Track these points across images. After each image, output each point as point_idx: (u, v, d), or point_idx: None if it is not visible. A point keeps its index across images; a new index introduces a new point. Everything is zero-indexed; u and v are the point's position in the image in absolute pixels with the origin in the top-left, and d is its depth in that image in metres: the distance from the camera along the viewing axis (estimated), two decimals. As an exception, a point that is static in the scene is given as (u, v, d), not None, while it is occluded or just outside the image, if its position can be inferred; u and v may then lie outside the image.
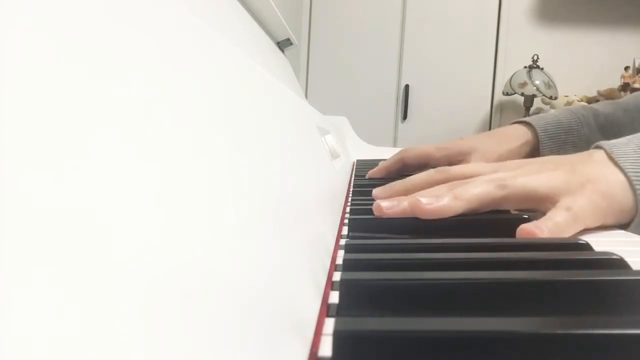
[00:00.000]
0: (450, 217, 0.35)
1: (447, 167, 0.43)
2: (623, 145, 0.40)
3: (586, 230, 0.36)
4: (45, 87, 0.09)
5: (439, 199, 0.36)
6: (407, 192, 0.40)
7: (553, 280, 0.21)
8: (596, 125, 0.65)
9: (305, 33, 2.79)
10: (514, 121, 0.70)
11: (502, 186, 0.37)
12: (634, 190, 0.37)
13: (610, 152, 0.39)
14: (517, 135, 0.66)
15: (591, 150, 0.41)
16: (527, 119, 0.68)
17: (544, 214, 0.35)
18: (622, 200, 0.37)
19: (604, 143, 0.41)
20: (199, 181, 0.13)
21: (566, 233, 0.34)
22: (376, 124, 2.76)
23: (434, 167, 0.73)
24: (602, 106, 0.69)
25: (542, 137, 0.65)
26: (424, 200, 0.36)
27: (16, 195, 0.07)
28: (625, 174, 0.38)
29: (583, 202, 0.36)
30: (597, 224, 0.37)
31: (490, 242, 0.29)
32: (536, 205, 0.38)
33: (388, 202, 0.37)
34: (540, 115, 0.70)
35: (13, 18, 0.09)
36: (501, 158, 0.61)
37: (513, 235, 0.33)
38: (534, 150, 0.65)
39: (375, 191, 0.43)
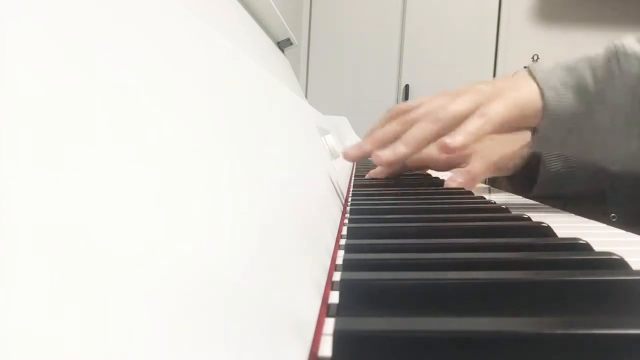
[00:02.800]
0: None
1: (395, 106, 0.52)
2: (543, 63, 0.47)
3: (586, 230, 0.36)
4: (46, 87, 0.09)
5: (393, 148, 0.46)
6: (373, 143, 0.50)
7: (553, 280, 0.21)
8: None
9: (305, 33, 2.79)
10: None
11: (437, 120, 0.45)
12: (542, 95, 0.44)
13: (530, 69, 0.46)
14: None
15: (517, 72, 0.49)
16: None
17: None
18: (533, 105, 0.44)
19: (530, 64, 0.48)
20: (198, 181, 0.13)
21: (480, 135, 0.42)
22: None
23: (433, 167, 0.73)
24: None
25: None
26: (381, 153, 0.47)
27: (16, 195, 0.07)
28: (537, 82, 0.45)
29: (496, 105, 0.44)
30: (513, 123, 0.45)
31: (490, 242, 0.29)
32: None
33: (352, 148, 0.50)
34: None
35: (13, 18, 0.09)
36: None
37: (513, 235, 0.32)
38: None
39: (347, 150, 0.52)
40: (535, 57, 2.58)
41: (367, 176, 0.67)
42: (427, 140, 0.46)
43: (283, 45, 0.97)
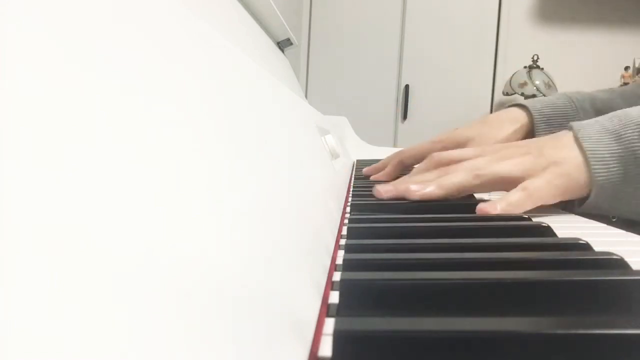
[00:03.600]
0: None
1: (438, 155, 0.51)
2: (589, 126, 0.45)
3: (586, 230, 0.36)
4: (46, 87, 0.09)
5: (425, 186, 0.45)
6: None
7: (553, 280, 0.21)
8: (593, 110, 0.66)
9: (305, 33, 2.79)
10: (510, 104, 0.70)
11: (477, 176, 0.45)
12: (589, 168, 0.43)
13: (576, 133, 0.45)
14: (512, 119, 0.67)
15: (563, 132, 0.47)
16: (523, 101, 0.69)
17: None
18: (579, 178, 0.43)
19: (574, 124, 0.46)
20: (198, 181, 0.13)
21: (519, 210, 0.41)
22: (376, 124, 2.76)
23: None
24: (599, 92, 0.70)
25: (537, 120, 0.65)
26: (413, 187, 0.45)
27: (16, 195, 0.07)
28: (584, 154, 0.43)
29: (540, 181, 0.43)
30: (555, 200, 0.43)
31: (490, 242, 0.29)
32: (506, 188, 0.44)
33: (385, 187, 0.47)
34: (537, 98, 0.70)
35: (13, 18, 0.09)
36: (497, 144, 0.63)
37: (513, 235, 0.32)
38: (529, 134, 0.66)
39: (377, 186, 0.50)
40: (535, 57, 2.58)
41: (364, 172, 0.68)
42: (462, 191, 0.46)
43: (283, 45, 0.97)
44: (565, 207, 0.48)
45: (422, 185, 0.45)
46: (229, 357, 0.11)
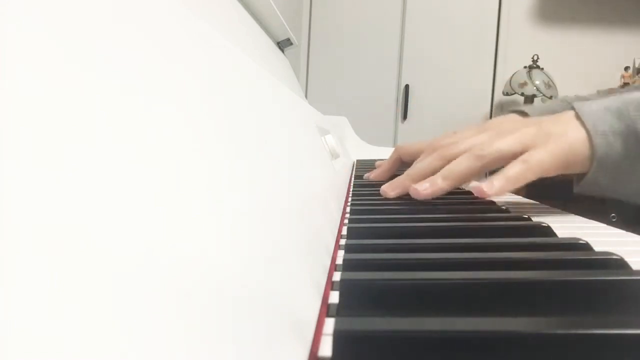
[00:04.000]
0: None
1: (435, 142, 0.51)
2: (591, 104, 0.45)
3: (586, 230, 0.36)
4: (46, 87, 0.09)
5: (432, 182, 0.44)
6: (413, 179, 0.48)
7: (553, 280, 0.21)
8: None
9: (305, 33, 2.79)
10: (510, 110, 0.70)
11: (480, 157, 0.44)
12: (591, 142, 0.42)
13: (578, 110, 0.44)
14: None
15: (564, 112, 0.46)
16: (522, 108, 0.69)
17: None
18: (580, 152, 0.43)
19: (575, 103, 0.46)
20: (198, 181, 0.13)
21: (520, 182, 0.40)
22: (376, 124, 2.76)
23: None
24: (596, 96, 0.70)
25: None
26: (418, 187, 0.44)
27: (16, 195, 0.07)
28: (586, 128, 0.43)
29: (541, 153, 0.42)
30: (556, 172, 0.43)
31: (490, 242, 0.29)
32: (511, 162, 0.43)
33: (390, 185, 0.47)
34: (535, 105, 0.71)
35: (13, 18, 0.09)
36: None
37: (513, 235, 0.32)
38: None
39: (383, 187, 0.50)
40: (535, 57, 2.58)
41: (365, 177, 0.67)
42: (467, 176, 0.44)
43: (283, 45, 0.97)
44: (563, 185, 0.48)
45: (426, 183, 0.44)
46: (229, 357, 0.11)
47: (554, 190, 0.61)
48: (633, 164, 0.42)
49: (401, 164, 0.65)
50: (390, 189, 0.47)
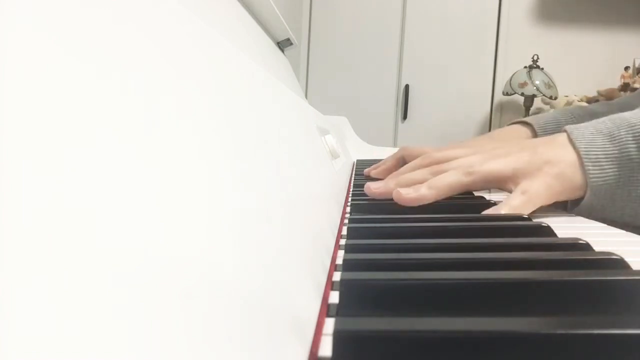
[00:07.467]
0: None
1: (430, 154, 0.50)
2: (583, 128, 0.45)
3: (586, 230, 0.36)
4: (46, 87, 0.09)
5: (416, 189, 0.43)
6: (400, 185, 0.47)
7: (553, 280, 0.21)
8: None
9: (305, 33, 2.79)
10: (512, 121, 0.70)
11: (469, 173, 0.44)
12: (584, 169, 0.42)
13: (570, 134, 0.44)
14: (516, 136, 0.68)
15: (558, 134, 0.47)
16: (525, 119, 0.69)
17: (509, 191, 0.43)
18: (574, 179, 0.43)
19: (568, 127, 0.46)
20: (198, 181, 0.13)
21: (523, 212, 0.40)
22: (376, 124, 2.76)
23: None
24: (598, 106, 0.71)
25: (541, 135, 0.65)
26: (402, 191, 0.43)
27: (17, 195, 0.07)
28: (578, 154, 0.43)
29: (538, 184, 0.42)
30: (551, 202, 0.43)
31: (490, 242, 0.29)
32: (500, 185, 0.44)
33: (375, 184, 0.47)
34: (539, 115, 0.71)
35: (14, 18, 0.09)
36: None
37: (513, 235, 0.32)
38: None
39: (368, 183, 0.50)
40: (535, 57, 2.58)
41: (365, 173, 0.67)
42: (453, 190, 0.44)
43: (283, 45, 0.97)
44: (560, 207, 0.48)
45: (411, 188, 0.44)
46: (229, 357, 0.11)
47: None
48: (628, 188, 0.42)
49: (404, 164, 0.65)
50: (374, 187, 0.47)
